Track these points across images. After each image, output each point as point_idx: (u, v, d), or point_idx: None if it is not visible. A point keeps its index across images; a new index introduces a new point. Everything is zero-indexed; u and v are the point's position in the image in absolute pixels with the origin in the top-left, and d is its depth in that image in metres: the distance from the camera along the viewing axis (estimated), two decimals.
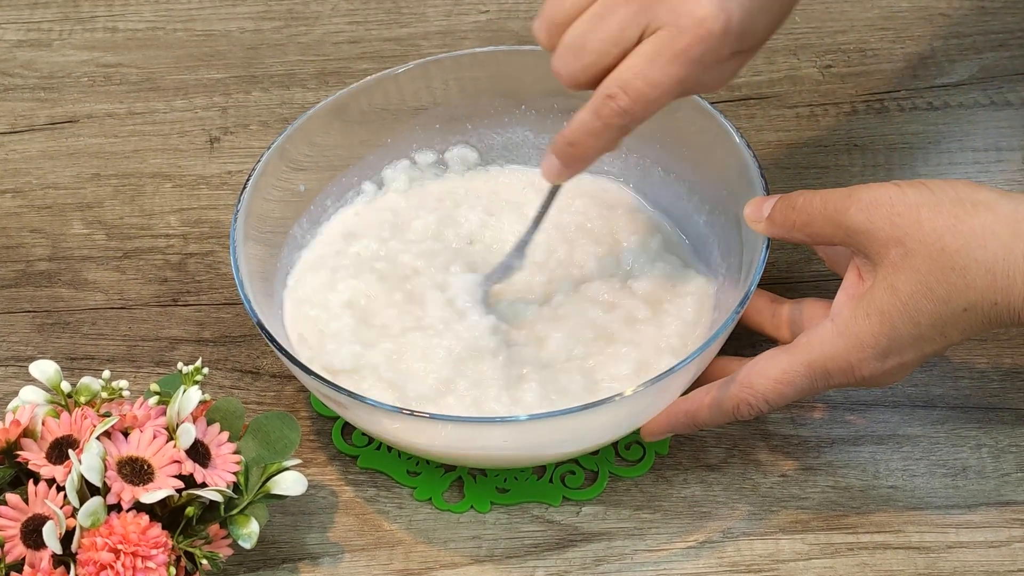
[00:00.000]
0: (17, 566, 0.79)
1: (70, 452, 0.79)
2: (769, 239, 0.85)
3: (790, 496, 0.88)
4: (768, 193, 0.87)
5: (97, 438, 0.79)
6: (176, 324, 0.98)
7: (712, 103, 0.92)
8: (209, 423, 0.83)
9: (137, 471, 0.79)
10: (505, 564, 0.86)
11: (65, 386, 0.83)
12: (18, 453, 0.80)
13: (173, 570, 0.79)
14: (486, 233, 0.96)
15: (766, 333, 0.90)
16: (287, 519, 0.88)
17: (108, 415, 0.81)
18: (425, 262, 0.93)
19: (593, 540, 0.87)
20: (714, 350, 0.84)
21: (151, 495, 0.78)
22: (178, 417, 0.81)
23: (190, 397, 0.82)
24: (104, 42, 1.15)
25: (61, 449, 0.80)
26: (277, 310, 0.92)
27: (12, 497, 0.79)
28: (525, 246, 0.91)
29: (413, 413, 0.83)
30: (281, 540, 0.87)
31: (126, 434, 0.81)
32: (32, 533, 0.78)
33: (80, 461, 0.78)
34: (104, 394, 0.83)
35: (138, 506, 0.79)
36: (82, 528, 0.78)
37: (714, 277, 0.93)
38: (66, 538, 0.78)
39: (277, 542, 0.87)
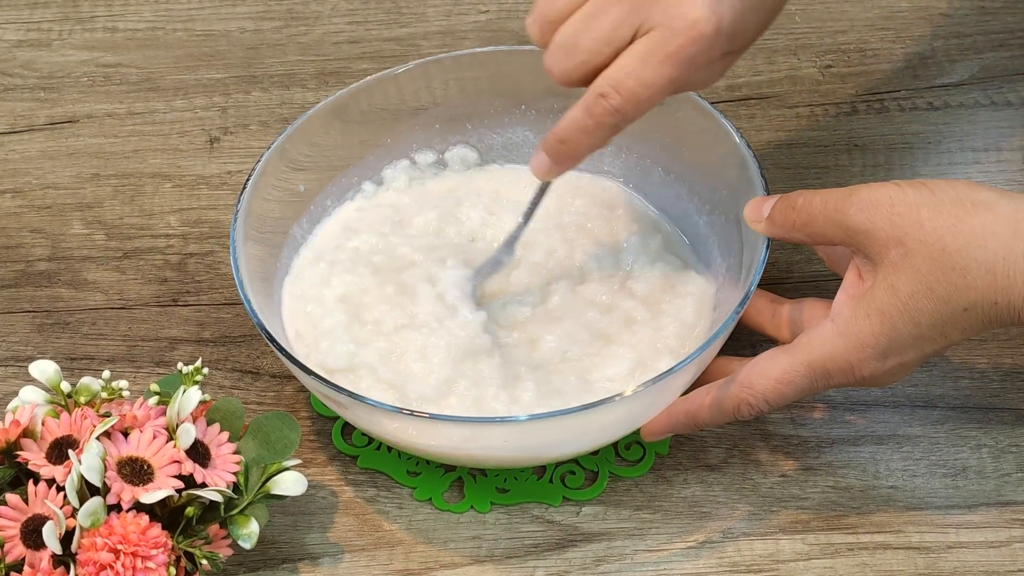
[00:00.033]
0: (17, 566, 0.79)
1: (70, 452, 0.79)
2: (769, 239, 0.85)
3: (790, 496, 0.88)
4: (768, 193, 0.87)
5: (97, 438, 0.79)
6: (176, 324, 0.98)
7: (712, 103, 0.92)
8: (209, 423, 0.83)
9: (137, 471, 0.79)
10: (505, 564, 0.86)
11: (65, 386, 0.83)
12: (18, 453, 0.80)
13: (173, 570, 0.79)
14: (487, 231, 0.96)
15: (766, 333, 0.90)
16: (287, 519, 0.88)
17: (108, 415, 0.81)
18: (423, 256, 0.93)
19: (593, 540, 0.87)
20: (714, 350, 0.84)
21: (151, 495, 0.78)
22: (178, 417, 0.81)
23: (190, 397, 0.82)
24: (104, 42, 1.15)
25: (61, 449, 0.80)
26: (276, 308, 0.92)
27: (12, 497, 0.79)
28: (515, 242, 0.91)
29: (413, 413, 0.83)
30: (281, 540, 0.87)
31: (126, 434, 0.81)
32: (32, 533, 0.78)
33: (80, 461, 0.78)
34: (104, 394, 0.83)
35: (138, 506, 0.79)
36: (82, 528, 0.78)
37: (714, 277, 0.93)
38: (66, 538, 0.78)
39: (277, 542, 0.87)
